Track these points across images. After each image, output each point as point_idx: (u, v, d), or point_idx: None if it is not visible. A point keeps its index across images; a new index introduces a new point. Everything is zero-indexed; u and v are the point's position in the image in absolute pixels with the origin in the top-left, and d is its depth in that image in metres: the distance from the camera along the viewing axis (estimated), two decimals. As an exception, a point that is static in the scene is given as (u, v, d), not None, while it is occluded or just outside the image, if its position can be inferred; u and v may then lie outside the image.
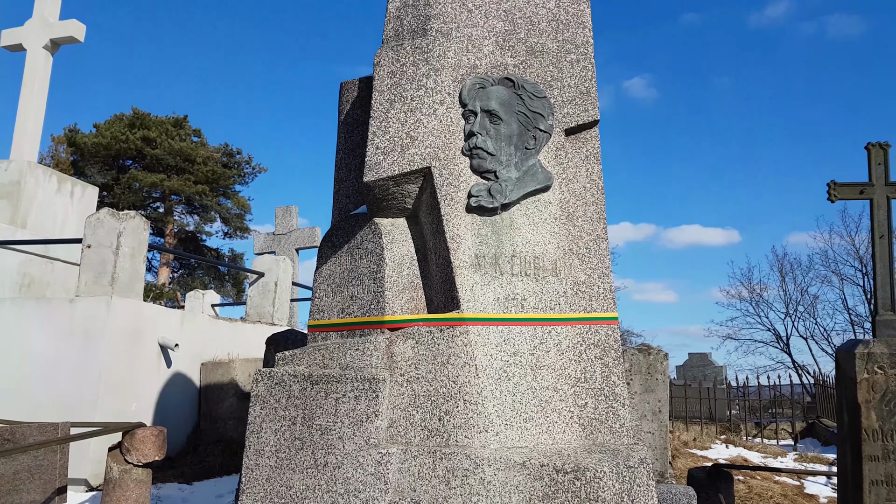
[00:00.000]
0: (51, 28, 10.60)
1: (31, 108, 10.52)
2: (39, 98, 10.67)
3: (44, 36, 10.58)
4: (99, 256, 6.83)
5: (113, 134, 31.81)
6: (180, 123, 33.59)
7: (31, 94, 10.59)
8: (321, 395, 3.27)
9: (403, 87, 3.58)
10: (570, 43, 3.77)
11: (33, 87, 10.62)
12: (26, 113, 10.61)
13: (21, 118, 10.58)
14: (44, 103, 10.88)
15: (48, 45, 10.65)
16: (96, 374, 6.42)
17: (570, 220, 3.61)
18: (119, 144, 31.78)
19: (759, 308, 27.31)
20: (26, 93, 10.65)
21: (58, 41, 10.73)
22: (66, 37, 10.66)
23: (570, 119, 3.68)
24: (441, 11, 3.69)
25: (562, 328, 3.46)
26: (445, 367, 3.32)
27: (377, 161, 3.49)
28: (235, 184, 34.94)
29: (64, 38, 10.70)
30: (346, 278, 3.68)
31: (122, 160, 33.10)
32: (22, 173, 10.08)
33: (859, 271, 26.22)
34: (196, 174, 32.49)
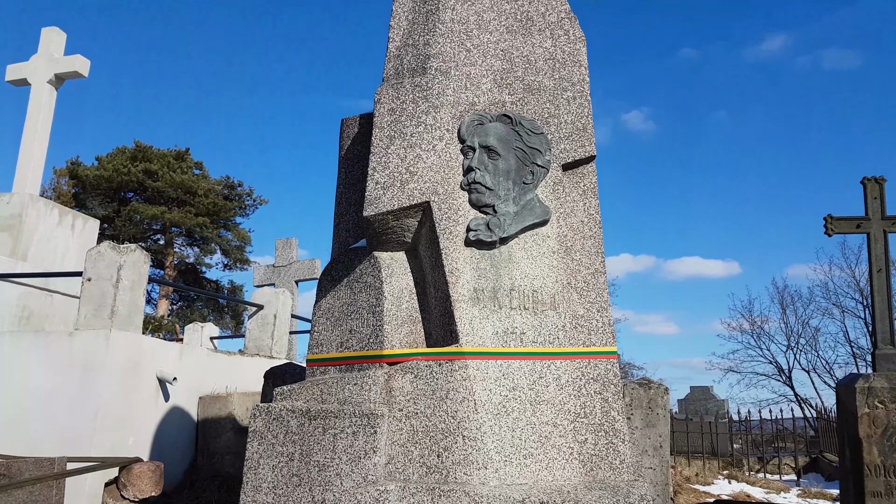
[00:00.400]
0: (55, 63, 10.72)
1: (35, 142, 10.60)
2: (43, 132, 10.76)
3: (48, 71, 10.69)
4: (99, 289, 6.83)
5: (115, 167, 32.02)
6: (182, 156, 33.83)
7: (34, 128, 10.68)
8: (319, 431, 3.25)
9: (403, 124, 3.63)
10: (567, 81, 3.83)
11: (37, 122, 10.71)
12: (29, 146, 10.69)
13: (24, 152, 10.66)
14: (47, 137, 10.96)
15: (52, 79, 10.76)
16: (94, 408, 6.37)
17: (569, 254, 3.64)
18: (121, 177, 31.99)
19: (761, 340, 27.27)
20: (30, 127, 10.73)
21: (62, 76, 10.85)
22: (70, 72, 10.78)
23: (567, 154, 3.73)
24: (440, 51, 3.76)
25: (561, 362, 3.46)
26: (444, 402, 3.31)
27: (377, 196, 3.52)
28: (236, 216, 35.08)
29: (68, 73, 10.81)
30: (345, 312, 3.69)
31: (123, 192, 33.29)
32: (23, 206, 10.12)
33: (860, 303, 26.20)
34: (197, 206, 32.62)
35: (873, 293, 4.96)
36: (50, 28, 11.10)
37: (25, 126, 10.93)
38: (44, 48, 10.88)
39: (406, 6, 3.92)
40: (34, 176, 10.66)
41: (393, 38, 3.87)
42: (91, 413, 6.42)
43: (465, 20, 3.83)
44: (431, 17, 3.82)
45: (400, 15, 3.91)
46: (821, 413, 12.56)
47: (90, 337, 6.65)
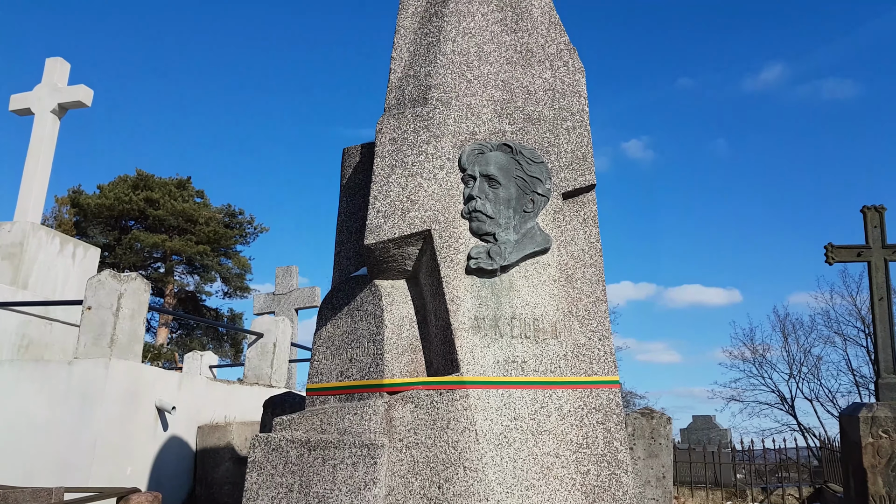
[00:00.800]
0: (59, 93, 10.80)
1: (37, 172, 10.64)
2: (45, 161, 10.80)
3: (52, 101, 10.76)
4: (99, 318, 6.81)
5: (116, 195, 32.16)
6: (183, 185, 33.99)
7: (37, 157, 10.72)
8: (318, 462, 3.22)
9: (404, 153, 3.65)
10: (567, 111, 3.86)
11: (39, 151, 10.75)
12: (31, 176, 10.72)
13: (26, 181, 10.69)
14: (49, 166, 11.00)
15: (56, 109, 10.83)
16: (92, 437, 6.32)
17: (570, 282, 3.63)
18: (122, 205, 32.11)
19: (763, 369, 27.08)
20: (32, 156, 10.77)
21: (66, 105, 10.91)
22: (73, 101, 10.83)
23: (567, 183, 3.74)
24: (441, 81, 3.80)
25: (563, 392, 3.44)
26: (445, 432, 3.28)
27: (378, 224, 3.53)
28: (237, 244, 35.12)
29: (72, 103, 10.87)
30: (345, 340, 3.67)
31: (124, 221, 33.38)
32: (25, 235, 10.13)
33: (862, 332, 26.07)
34: (198, 234, 32.69)
35: (875, 322, 4.95)
36: (54, 58, 11.19)
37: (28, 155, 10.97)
38: (48, 78, 10.96)
39: (408, 38, 3.96)
40: (36, 205, 10.69)
41: (395, 70, 3.92)
42: (89, 442, 6.37)
43: (466, 52, 3.88)
44: (433, 48, 3.87)
45: (402, 47, 3.95)
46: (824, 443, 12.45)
47: (89, 366, 6.62)
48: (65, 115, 11.14)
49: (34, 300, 9.45)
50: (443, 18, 3.90)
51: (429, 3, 4.02)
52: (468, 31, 3.91)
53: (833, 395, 26.07)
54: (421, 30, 3.95)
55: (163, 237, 31.95)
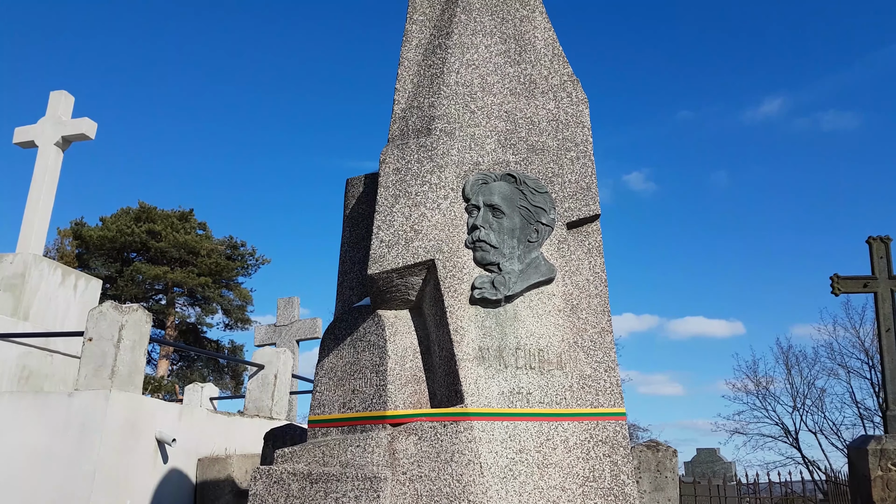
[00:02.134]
0: (63, 126, 10.85)
1: (40, 204, 10.66)
2: (48, 194, 10.83)
3: (56, 133, 10.81)
4: (100, 349, 6.78)
5: (119, 227, 32.25)
6: (186, 217, 34.10)
7: (40, 189, 10.74)
8: (321, 495, 3.17)
9: (408, 183, 3.66)
10: (570, 141, 3.88)
11: (43, 183, 10.77)
12: (34, 207, 10.74)
13: (29, 213, 10.70)
14: (52, 199, 11.02)
15: (59, 142, 10.87)
16: (91, 468, 6.24)
17: (575, 313, 3.61)
18: (124, 237, 32.19)
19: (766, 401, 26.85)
20: (35, 188, 10.80)
21: (69, 138, 10.96)
22: (77, 134, 10.86)
23: (571, 213, 3.74)
24: (445, 112, 3.82)
25: (568, 424, 3.40)
26: (449, 465, 3.23)
27: (382, 254, 3.52)
28: (238, 275, 35.12)
29: (76, 136, 10.90)
30: (348, 371, 3.64)
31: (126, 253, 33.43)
32: (27, 266, 10.12)
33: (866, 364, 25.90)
34: (200, 266, 32.72)
35: (882, 353, 4.89)
36: (58, 92, 11.27)
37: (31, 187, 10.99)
38: (52, 111, 11.03)
39: (411, 70, 4.00)
40: (38, 237, 10.69)
41: (398, 101, 3.94)
42: (88, 474, 6.29)
43: (470, 83, 3.91)
44: (436, 80, 3.90)
45: (405, 78, 3.99)
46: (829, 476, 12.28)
47: (89, 397, 6.57)
48: (69, 148, 11.20)
49: (35, 332, 9.41)
50: (446, 50, 3.94)
51: (433, 35, 4.06)
52: (472, 62, 3.95)
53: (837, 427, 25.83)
54: (425, 62, 3.98)
55: (164, 269, 31.96)
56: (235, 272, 34.73)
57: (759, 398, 26.91)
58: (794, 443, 26.12)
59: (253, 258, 35.80)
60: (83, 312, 10.67)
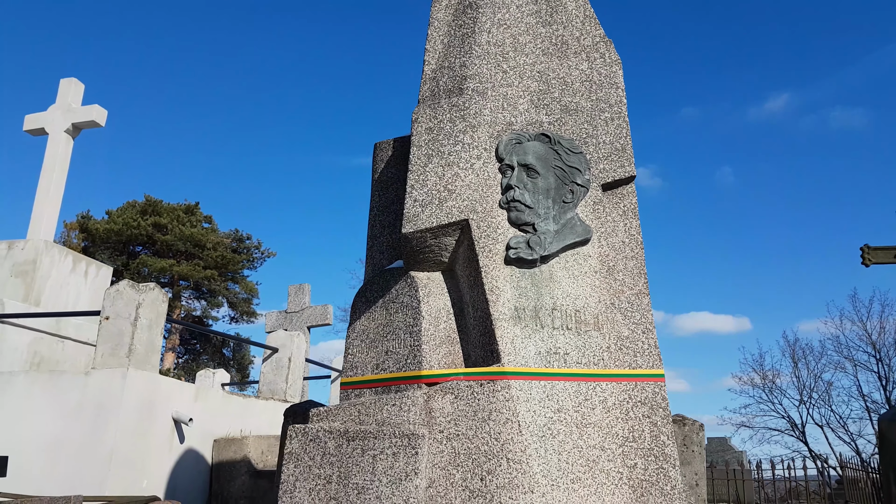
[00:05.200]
0: (73, 113, 10.81)
1: (50, 191, 10.62)
2: (59, 181, 10.79)
3: (66, 121, 10.77)
4: (116, 328, 6.73)
5: (125, 220, 32.23)
6: (192, 210, 34.07)
7: (50, 176, 10.70)
8: (358, 453, 3.12)
9: (441, 143, 3.60)
10: (604, 102, 3.82)
11: (53, 170, 10.74)
12: (45, 195, 10.70)
13: (39, 199, 10.67)
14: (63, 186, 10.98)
15: (70, 129, 10.83)
16: (108, 449, 6.19)
17: (611, 274, 3.56)
18: (130, 230, 32.17)
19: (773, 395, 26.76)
20: (46, 175, 10.76)
21: (79, 125, 10.91)
22: (87, 121, 10.83)
23: (606, 174, 3.69)
24: (477, 72, 3.76)
25: (607, 384, 3.35)
26: (487, 424, 3.18)
27: (415, 213, 3.47)
28: (244, 268, 35.09)
29: (86, 123, 10.87)
30: (380, 333, 3.59)
31: (132, 246, 33.43)
32: (38, 252, 10.09)
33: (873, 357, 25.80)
34: (206, 259, 32.69)
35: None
36: (68, 79, 11.23)
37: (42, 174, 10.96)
38: (62, 98, 10.99)
39: (441, 30, 3.94)
40: (49, 223, 10.65)
41: (428, 62, 3.88)
42: (104, 454, 6.24)
43: (501, 43, 3.85)
44: (467, 39, 3.84)
45: (435, 39, 3.93)
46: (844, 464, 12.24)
47: (106, 376, 6.52)
48: (78, 136, 11.16)
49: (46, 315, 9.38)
50: (477, 10, 3.88)
51: (463, -4, 4.00)
52: (503, 22, 3.89)
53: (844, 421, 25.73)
54: (455, 21, 3.93)
55: (171, 262, 31.94)
56: (241, 265, 34.70)
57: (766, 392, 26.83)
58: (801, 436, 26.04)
59: (258, 251, 35.80)
60: (94, 299, 10.65)
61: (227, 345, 34.49)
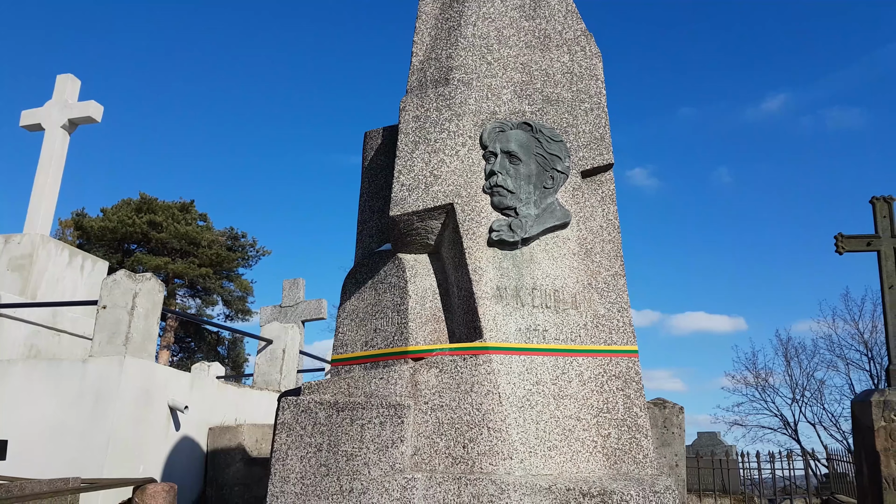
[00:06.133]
0: (70, 109, 10.92)
1: (47, 186, 10.74)
2: (55, 176, 10.91)
3: (62, 116, 10.88)
4: (114, 317, 6.88)
5: (120, 218, 32.32)
6: (187, 208, 34.18)
7: (46, 172, 10.82)
8: (347, 422, 3.29)
9: (427, 130, 3.78)
10: (584, 93, 4.00)
11: (49, 166, 10.85)
12: (41, 190, 10.82)
13: (36, 194, 10.79)
14: (59, 181, 11.10)
15: (66, 125, 10.94)
16: (105, 435, 6.34)
17: (589, 256, 3.73)
18: (125, 228, 32.25)
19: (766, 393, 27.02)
20: (42, 170, 10.87)
21: (76, 121, 11.02)
22: (84, 117, 10.94)
23: (585, 162, 3.86)
24: (462, 63, 3.94)
25: (583, 359, 3.52)
26: (469, 395, 3.36)
27: (403, 197, 3.64)
28: (239, 266, 35.21)
29: (82, 119, 10.98)
30: (369, 312, 3.76)
31: (127, 244, 33.50)
32: (34, 246, 10.21)
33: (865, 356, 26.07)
34: (201, 257, 32.80)
35: (886, 310, 5.03)
36: (65, 75, 11.33)
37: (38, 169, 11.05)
38: (58, 94, 11.08)
39: (429, 23, 4.11)
40: (45, 218, 10.76)
41: (416, 53, 4.06)
42: (102, 440, 6.39)
43: (486, 35, 4.02)
44: (453, 32, 4.01)
45: (423, 31, 4.10)
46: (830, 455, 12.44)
47: (104, 363, 6.67)
48: (75, 131, 11.28)
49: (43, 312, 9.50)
50: (463, 4, 4.06)
51: (450, -9, 4.17)
52: (488, 15, 4.07)
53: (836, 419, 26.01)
54: (442, 15, 4.10)
55: (165, 260, 32.03)
56: (236, 263, 34.82)
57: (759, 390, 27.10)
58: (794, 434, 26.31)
59: (253, 249, 35.92)
60: (90, 294, 10.78)
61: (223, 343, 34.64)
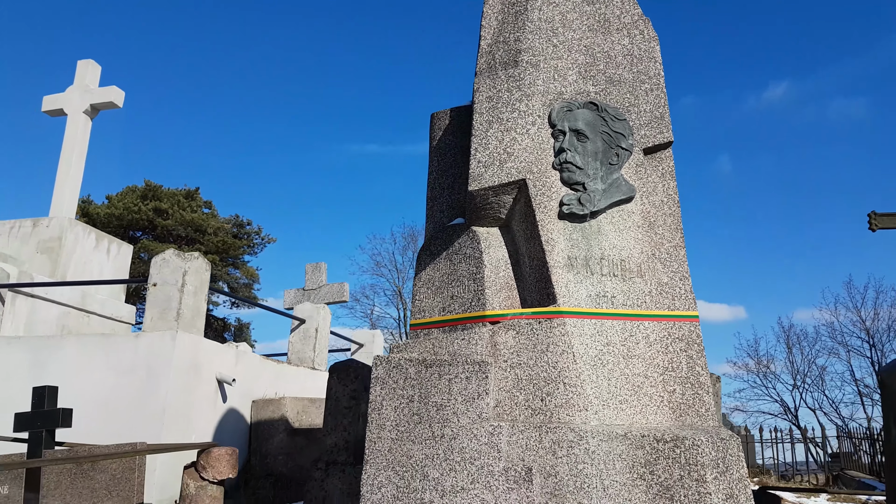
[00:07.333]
0: (91, 94, 11.13)
1: (70, 171, 10.98)
2: (78, 161, 11.15)
3: (84, 102, 11.09)
4: (164, 294, 7.13)
5: (125, 205, 32.50)
6: (192, 195, 34.34)
7: (70, 157, 11.06)
8: (435, 377, 3.57)
9: (500, 110, 4.04)
10: (644, 74, 4.26)
11: (73, 151, 11.08)
12: (65, 173, 11.06)
13: (60, 178, 11.03)
14: (82, 166, 11.34)
15: (88, 110, 11.15)
16: (160, 407, 6.59)
17: (652, 229, 4.01)
18: (131, 215, 32.44)
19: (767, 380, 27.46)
20: (66, 156, 11.11)
21: (98, 106, 11.24)
22: (105, 102, 11.17)
23: (647, 140, 4.13)
24: (530, 46, 4.20)
25: (649, 323, 3.81)
26: (545, 355, 3.64)
27: (479, 173, 3.91)
28: (245, 254, 35.44)
29: (104, 104, 11.20)
30: (445, 281, 4.04)
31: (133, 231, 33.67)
32: (62, 229, 10.46)
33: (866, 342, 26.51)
34: (207, 244, 33.00)
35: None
36: (86, 60, 11.54)
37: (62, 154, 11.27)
38: (79, 80, 11.28)
39: (496, 8, 4.37)
40: (70, 202, 11.01)
41: (484, 37, 4.31)
42: (157, 412, 6.65)
43: (551, 19, 4.28)
44: (520, 16, 4.27)
45: (490, 16, 4.36)
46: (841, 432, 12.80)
47: (156, 338, 6.93)
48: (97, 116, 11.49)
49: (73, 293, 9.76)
50: (529, -10, 4.31)
51: (514, -22, 4.42)
52: (552, 0, 4.32)
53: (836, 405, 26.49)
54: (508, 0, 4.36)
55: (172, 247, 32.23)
56: (242, 251, 35.05)
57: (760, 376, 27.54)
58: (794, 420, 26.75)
59: (259, 237, 36.14)
60: (116, 276, 11.05)
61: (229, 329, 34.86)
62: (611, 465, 3.34)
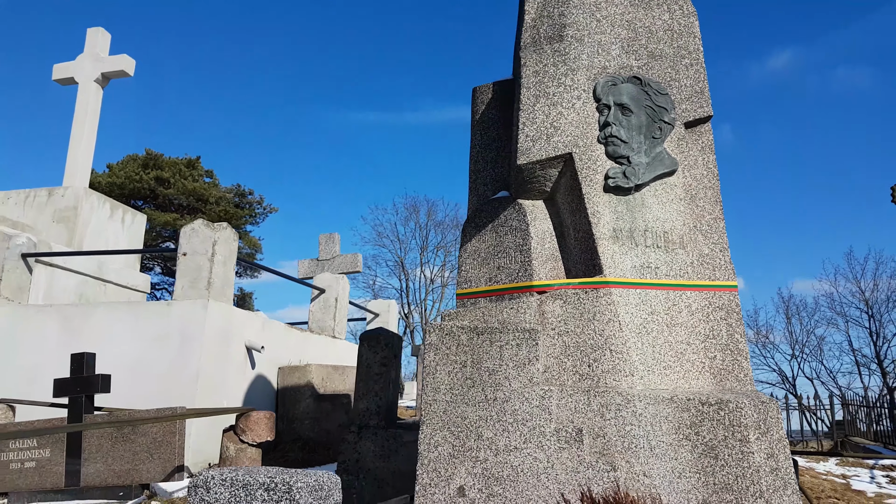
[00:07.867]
0: (102, 63, 11.10)
1: (83, 139, 11.01)
2: (90, 129, 11.18)
3: (95, 70, 11.06)
4: (195, 263, 7.25)
5: (126, 174, 32.44)
6: (193, 164, 34.27)
7: (82, 125, 11.07)
8: (486, 343, 3.73)
9: (546, 85, 4.14)
10: (684, 49, 4.35)
11: (85, 119, 11.10)
12: (78, 143, 11.09)
13: (73, 148, 11.05)
14: (94, 135, 11.36)
15: (99, 78, 11.14)
16: (194, 372, 6.74)
17: (693, 201, 4.14)
18: (133, 184, 32.40)
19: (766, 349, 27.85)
20: (78, 125, 11.11)
21: (108, 75, 11.21)
22: (117, 70, 11.15)
23: (687, 114, 4.24)
24: (574, 21, 4.28)
25: (691, 293, 3.95)
26: (592, 323, 3.79)
27: (527, 147, 4.02)
28: (247, 223, 35.49)
29: (115, 72, 11.17)
30: (491, 252, 4.17)
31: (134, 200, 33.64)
32: (78, 199, 10.53)
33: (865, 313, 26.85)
34: (209, 214, 32.98)
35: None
36: (95, 28, 11.46)
37: (74, 123, 11.26)
38: (90, 48, 11.23)
39: (540, -16, 4.43)
40: (83, 172, 11.05)
41: (528, 11, 4.39)
42: (191, 377, 6.80)
43: (595, -5, 4.36)
44: (564, -8, 4.34)
45: (534, -8, 4.42)
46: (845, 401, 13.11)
47: (188, 306, 7.06)
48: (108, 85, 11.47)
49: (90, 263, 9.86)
50: (574, -33, 4.37)
51: (557, -46, 4.48)
52: (596, -23, 4.39)
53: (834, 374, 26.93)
54: (553, -24, 4.43)
55: (174, 216, 32.23)
56: (244, 220, 35.09)
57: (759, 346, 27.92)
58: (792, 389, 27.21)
59: (261, 206, 36.16)
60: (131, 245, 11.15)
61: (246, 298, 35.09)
62: (657, 427, 3.52)
